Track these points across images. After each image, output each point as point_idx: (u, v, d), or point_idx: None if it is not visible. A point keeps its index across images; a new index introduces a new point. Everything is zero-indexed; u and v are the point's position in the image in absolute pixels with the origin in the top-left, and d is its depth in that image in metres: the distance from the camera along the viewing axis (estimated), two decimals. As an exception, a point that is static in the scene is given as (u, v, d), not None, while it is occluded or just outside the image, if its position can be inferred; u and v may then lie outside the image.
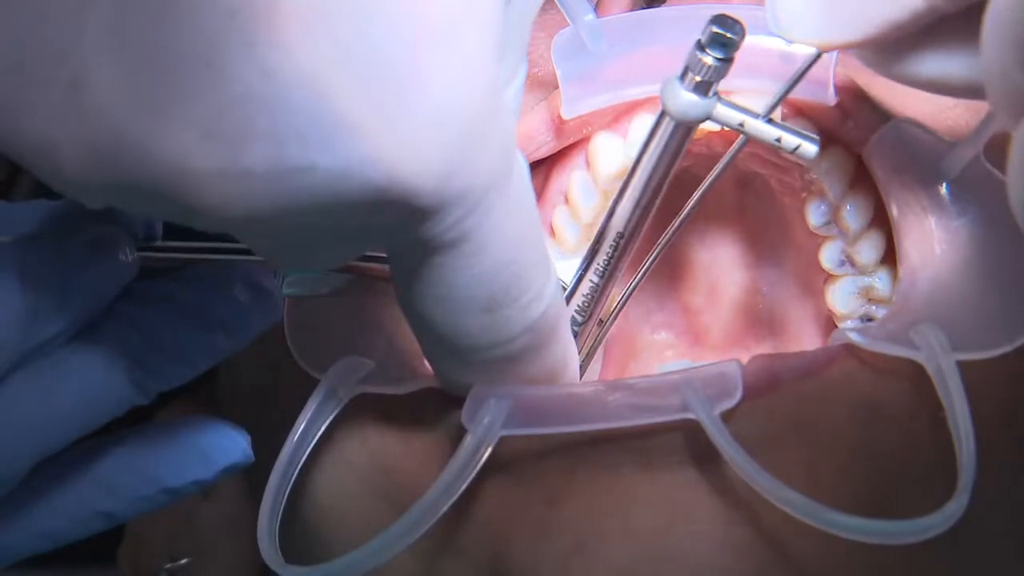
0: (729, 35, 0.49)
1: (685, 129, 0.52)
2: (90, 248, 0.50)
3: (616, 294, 0.60)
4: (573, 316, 0.58)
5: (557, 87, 0.61)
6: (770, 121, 0.51)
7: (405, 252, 0.45)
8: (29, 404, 0.49)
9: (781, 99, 0.53)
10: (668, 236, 0.58)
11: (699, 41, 0.50)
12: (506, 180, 0.45)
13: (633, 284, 0.60)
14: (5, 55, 0.40)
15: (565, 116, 0.61)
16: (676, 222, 0.58)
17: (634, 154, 0.62)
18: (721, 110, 0.51)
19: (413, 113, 0.41)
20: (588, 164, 0.64)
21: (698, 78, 0.50)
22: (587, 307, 0.58)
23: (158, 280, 0.52)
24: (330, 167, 0.40)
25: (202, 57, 0.39)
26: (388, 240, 0.45)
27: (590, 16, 0.61)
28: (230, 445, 0.54)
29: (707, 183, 0.57)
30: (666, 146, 0.53)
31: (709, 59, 0.50)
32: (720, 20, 0.49)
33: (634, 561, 0.51)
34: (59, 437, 0.50)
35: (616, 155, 0.62)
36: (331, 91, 0.40)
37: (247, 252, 0.52)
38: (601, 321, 0.60)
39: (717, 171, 0.56)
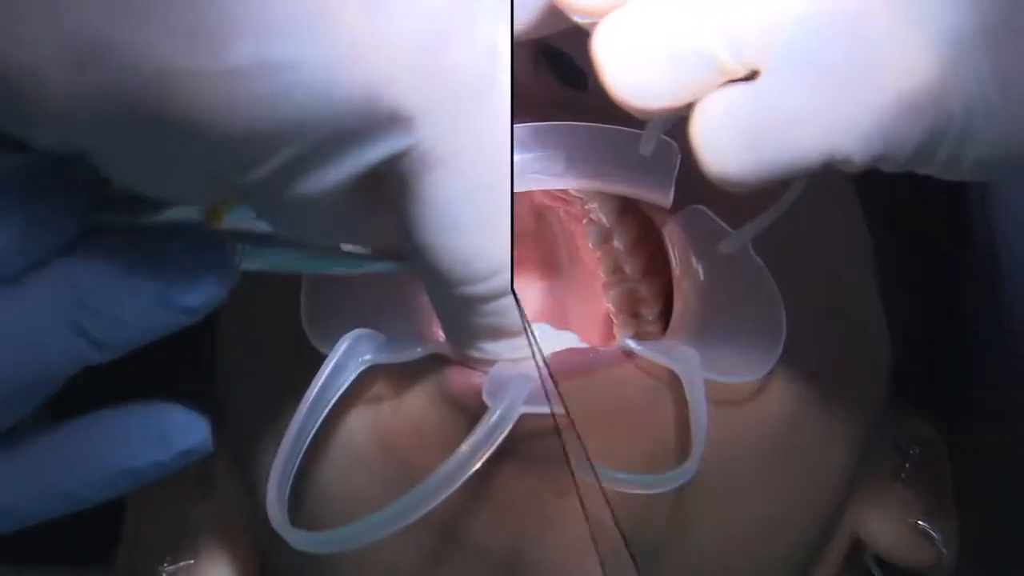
0: None
1: None
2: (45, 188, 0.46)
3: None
4: None
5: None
6: None
7: (401, 177, 0.44)
8: None
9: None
10: None
11: None
12: (492, 89, 0.44)
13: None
14: None
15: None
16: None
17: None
18: None
19: None
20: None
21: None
22: None
23: (106, 233, 0.48)
24: (316, 60, 0.39)
25: None
26: (381, 157, 0.43)
27: None
28: (189, 427, 0.49)
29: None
30: None
31: None
32: None
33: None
34: (4, 379, 0.46)
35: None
36: None
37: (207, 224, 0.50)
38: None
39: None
